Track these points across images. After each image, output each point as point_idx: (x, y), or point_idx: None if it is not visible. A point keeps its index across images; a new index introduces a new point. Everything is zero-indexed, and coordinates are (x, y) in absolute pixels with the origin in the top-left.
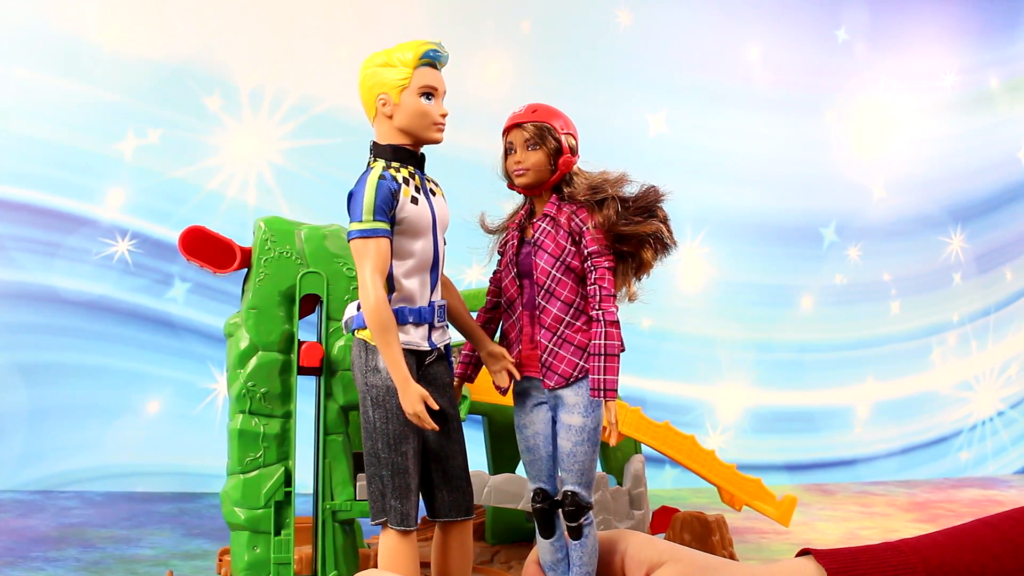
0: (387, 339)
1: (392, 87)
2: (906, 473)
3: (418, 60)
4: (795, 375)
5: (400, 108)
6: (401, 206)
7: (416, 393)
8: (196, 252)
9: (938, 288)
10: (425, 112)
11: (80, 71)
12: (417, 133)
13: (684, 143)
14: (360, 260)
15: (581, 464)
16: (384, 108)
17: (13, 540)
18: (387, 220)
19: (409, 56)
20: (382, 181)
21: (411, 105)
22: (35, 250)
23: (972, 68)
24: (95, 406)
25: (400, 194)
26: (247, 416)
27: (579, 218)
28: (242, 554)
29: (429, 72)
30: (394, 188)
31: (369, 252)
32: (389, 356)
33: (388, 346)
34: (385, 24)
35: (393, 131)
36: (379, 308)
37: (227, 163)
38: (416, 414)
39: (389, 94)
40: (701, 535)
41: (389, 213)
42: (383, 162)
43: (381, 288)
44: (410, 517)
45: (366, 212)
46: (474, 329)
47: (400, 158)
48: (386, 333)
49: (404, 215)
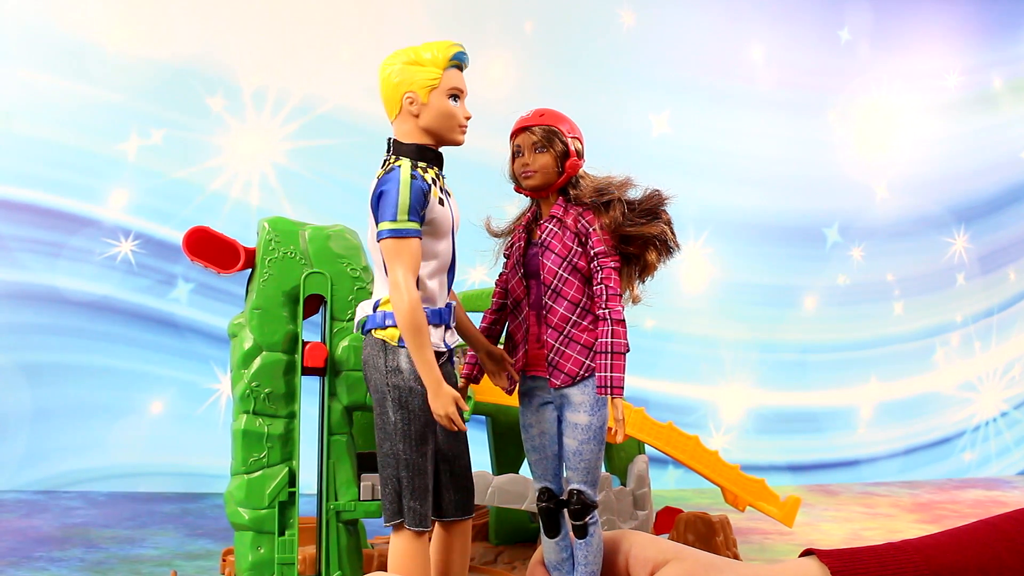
0: (420, 341)
1: (421, 86)
2: (909, 474)
3: (448, 61)
4: (798, 376)
5: (428, 108)
6: (431, 207)
7: (449, 395)
8: (200, 252)
9: (941, 289)
10: (452, 114)
11: (84, 72)
12: (442, 134)
13: (687, 143)
14: (393, 260)
15: (587, 463)
16: (411, 106)
17: (17, 540)
18: (419, 220)
19: (440, 56)
20: (415, 181)
21: (439, 106)
22: (39, 250)
23: (975, 68)
24: (99, 406)
25: (430, 194)
26: (251, 416)
27: (585, 220)
28: (246, 554)
29: (457, 74)
30: (425, 188)
31: (403, 252)
32: (422, 357)
33: (421, 348)
34: (388, 25)
35: (417, 130)
36: (414, 310)
37: (230, 163)
38: (447, 415)
39: (417, 93)
40: (705, 535)
41: (421, 213)
42: (408, 161)
43: (415, 289)
44: (427, 518)
45: (401, 211)
46: (473, 331)
47: (426, 158)
48: (420, 335)
49: (433, 216)
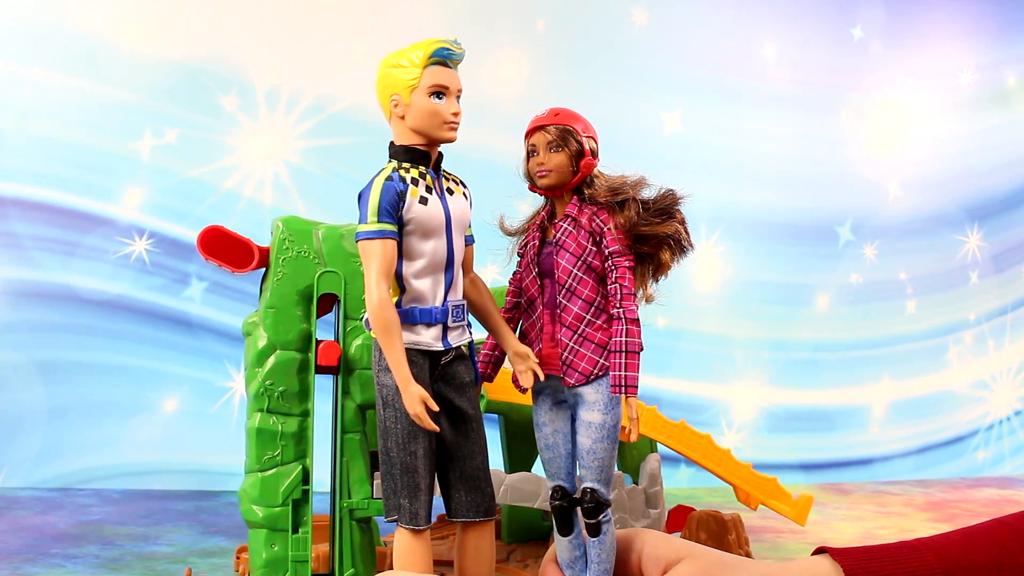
0: (389, 340)
1: (403, 87)
2: (922, 472)
3: (427, 59)
4: (811, 374)
5: (411, 108)
6: (408, 207)
7: (415, 394)
8: (215, 252)
9: (954, 287)
10: (435, 111)
11: (97, 71)
12: (429, 133)
13: (699, 142)
14: (365, 261)
15: (600, 461)
16: (396, 109)
17: (33, 537)
18: (393, 221)
19: (419, 56)
20: (388, 183)
21: (421, 105)
22: (53, 249)
23: (989, 66)
24: (113, 404)
25: (407, 195)
26: (265, 415)
27: (600, 219)
28: (260, 552)
29: (439, 71)
30: (400, 189)
31: (374, 253)
32: (391, 356)
33: (390, 347)
34: (401, 23)
35: (406, 131)
36: (381, 309)
37: (244, 162)
38: (416, 415)
39: (400, 95)
40: (717, 534)
41: (395, 214)
42: (395, 163)
43: (385, 289)
44: (419, 516)
45: (371, 214)
46: (502, 329)
47: (412, 159)
48: (387, 334)
49: (412, 215)
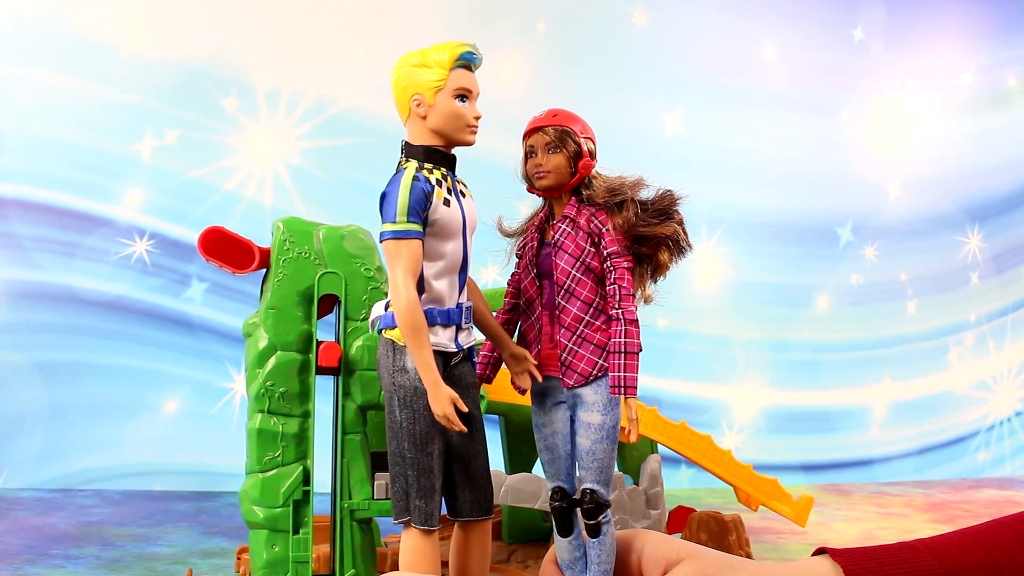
0: (418, 341)
1: (427, 88)
2: (923, 473)
3: (454, 62)
4: (811, 375)
5: (434, 109)
6: (434, 208)
7: (446, 395)
8: (215, 253)
9: (955, 288)
10: (459, 114)
11: (98, 72)
12: (450, 135)
13: (700, 143)
14: (392, 261)
15: (600, 462)
16: (418, 109)
17: (33, 538)
18: (420, 222)
19: (445, 57)
20: (416, 183)
21: (445, 107)
22: (54, 250)
23: (990, 67)
24: (113, 405)
25: (433, 196)
26: (266, 415)
27: (598, 220)
28: (261, 552)
29: (464, 74)
30: (427, 190)
31: (402, 254)
32: (420, 358)
33: (419, 348)
34: (401, 25)
35: (426, 132)
36: (412, 310)
37: (244, 163)
38: (446, 416)
39: (424, 95)
40: (717, 535)
41: (422, 215)
42: (416, 163)
43: (413, 290)
44: (433, 517)
45: (400, 213)
46: (498, 331)
47: (433, 160)
48: (417, 335)
49: (436, 217)
